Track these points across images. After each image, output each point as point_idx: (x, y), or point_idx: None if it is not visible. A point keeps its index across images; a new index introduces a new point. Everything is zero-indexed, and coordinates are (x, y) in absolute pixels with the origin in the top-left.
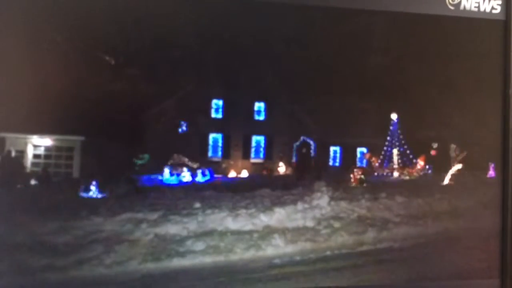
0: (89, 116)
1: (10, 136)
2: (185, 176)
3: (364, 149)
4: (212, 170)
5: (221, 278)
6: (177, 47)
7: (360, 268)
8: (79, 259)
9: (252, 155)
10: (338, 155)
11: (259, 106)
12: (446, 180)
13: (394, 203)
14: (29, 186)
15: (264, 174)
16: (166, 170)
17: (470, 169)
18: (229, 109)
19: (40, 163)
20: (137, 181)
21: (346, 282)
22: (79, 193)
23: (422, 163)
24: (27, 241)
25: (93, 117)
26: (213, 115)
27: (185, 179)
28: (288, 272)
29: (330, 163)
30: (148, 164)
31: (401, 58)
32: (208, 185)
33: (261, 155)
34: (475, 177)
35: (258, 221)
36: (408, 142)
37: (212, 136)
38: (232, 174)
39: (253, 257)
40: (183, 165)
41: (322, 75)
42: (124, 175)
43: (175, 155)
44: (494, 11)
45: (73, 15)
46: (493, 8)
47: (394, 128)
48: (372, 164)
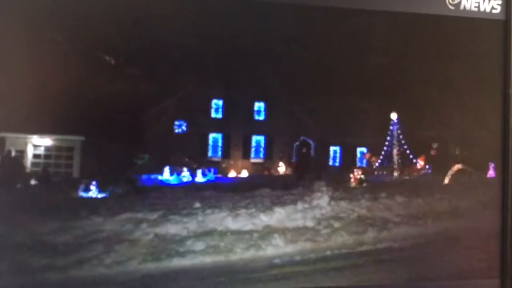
0: (89, 116)
1: (10, 136)
2: (185, 176)
3: (364, 149)
4: (215, 170)
5: (221, 278)
6: (177, 47)
7: (360, 268)
8: (79, 259)
9: (252, 155)
10: (338, 155)
11: (259, 106)
12: (446, 180)
13: (394, 203)
14: (29, 186)
15: (265, 174)
16: (166, 170)
17: (470, 169)
18: (229, 109)
19: (40, 163)
20: (137, 181)
21: (346, 282)
22: (79, 193)
23: (422, 163)
24: (27, 241)
25: (93, 117)
26: (213, 115)
27: (185, 179)
28: (288, 272)
29: (330, 163)
30: (148, 164)
31: (401, 58)
32: (208, 185)
33: (261, 155)
34: (475, 177)
35: (258, 221)
36: (408, 142)
37: (212, 136)
38: (232, 174)
39: (253, 257)
40: (183, 165)
41: (322, 75)
42: (124, 175)
43: (175, 155)
44: (494, 11)
45: (73, 15)
46: (493, 8)
47: (394, 128)
48: (372, 164)
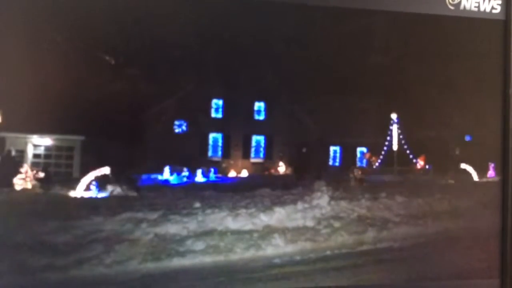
0: (89, 116)
1: (10, 136)
2: (186, 176)
3: (364, 149)
4: (215, 169)
5: (221, 278)
6: (177, 47)
7: (360, 268)
8: (79, 259)
9: (252, 154)
10: (338, 155)
11: (259, 106)
12: (446, 180)
13: (394, 203)
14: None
15: (266, 174)
16: (166, 169)
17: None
18: (229, 108)
19: (40, 162)
20: (137, 181)
21: (346, 282)
22: (79, 193)
23: (422, 163)
24: (27, 240)
25: (93, 117)
26: (213, 114)
27: (185, 179)
28: (288, 272)
29: (330, 163)
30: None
31: (401, 58)
32: (208, 185)
33: (261, 154)
34: (475, 177)
35: (258, 220)
36: (408, 142)
37: (212, 135)
38: (232, 173)
39: (253, 256)
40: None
41: (322, 75)
42: (124, 175)
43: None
44: (494, 11)
45: (73, 15)
46: (493, 8)
47: (394, 128)
48: (372, 164)
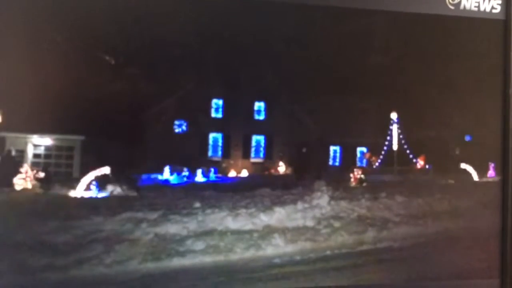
0: (89, 116)
1: (10, 136)
2: (186, 176)
3: (364, 149)
4: (215, 169)
5: (221, 278)
6: (177, 47)
7: (360, 268)
8: (79, 259)
9: (252, 154)
10: (338, 154)
11: (259, 105)
12: (446, 180)
13: (394, 202)
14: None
15: (266, 174)
16: (166, 169)
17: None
18: (229, 108)
19: (40, 162)
20: (137, 181)
21: (346, 282)
22: (79, 192)
23: (422, 163)
24: (27, 240)
25: (93, 117)
26: (213, 114)
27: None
28: (288, 272)
29: (330, 162)
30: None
31: (401, 58)
32: (208, 185)
33: (261, 154)
34: (475, 177)
35: (258, 220)
36: (408, 142)
37: (212, 135)
38: (232, 173)
39: (253, 256)
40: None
41: (322, 75)
42: (124, 175)
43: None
44: (494, 11)
45: (73, 15)
46: (493, 8)
47: (394, 128)
48: (372, 164)
